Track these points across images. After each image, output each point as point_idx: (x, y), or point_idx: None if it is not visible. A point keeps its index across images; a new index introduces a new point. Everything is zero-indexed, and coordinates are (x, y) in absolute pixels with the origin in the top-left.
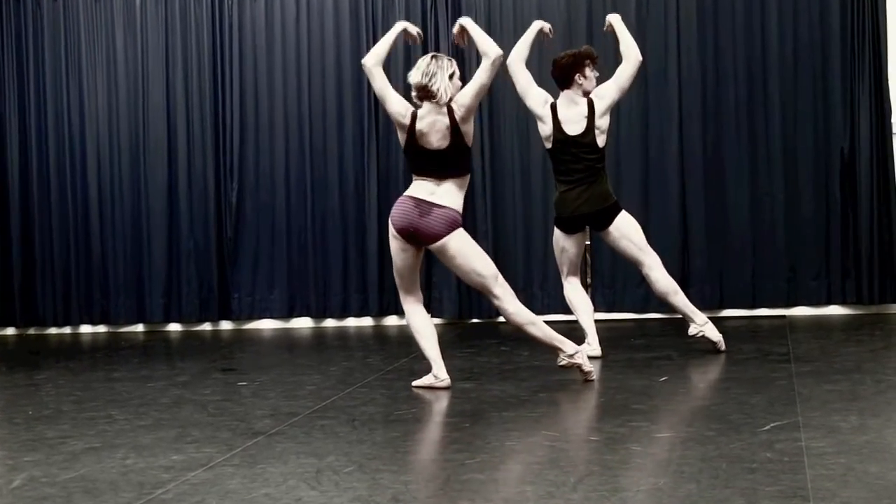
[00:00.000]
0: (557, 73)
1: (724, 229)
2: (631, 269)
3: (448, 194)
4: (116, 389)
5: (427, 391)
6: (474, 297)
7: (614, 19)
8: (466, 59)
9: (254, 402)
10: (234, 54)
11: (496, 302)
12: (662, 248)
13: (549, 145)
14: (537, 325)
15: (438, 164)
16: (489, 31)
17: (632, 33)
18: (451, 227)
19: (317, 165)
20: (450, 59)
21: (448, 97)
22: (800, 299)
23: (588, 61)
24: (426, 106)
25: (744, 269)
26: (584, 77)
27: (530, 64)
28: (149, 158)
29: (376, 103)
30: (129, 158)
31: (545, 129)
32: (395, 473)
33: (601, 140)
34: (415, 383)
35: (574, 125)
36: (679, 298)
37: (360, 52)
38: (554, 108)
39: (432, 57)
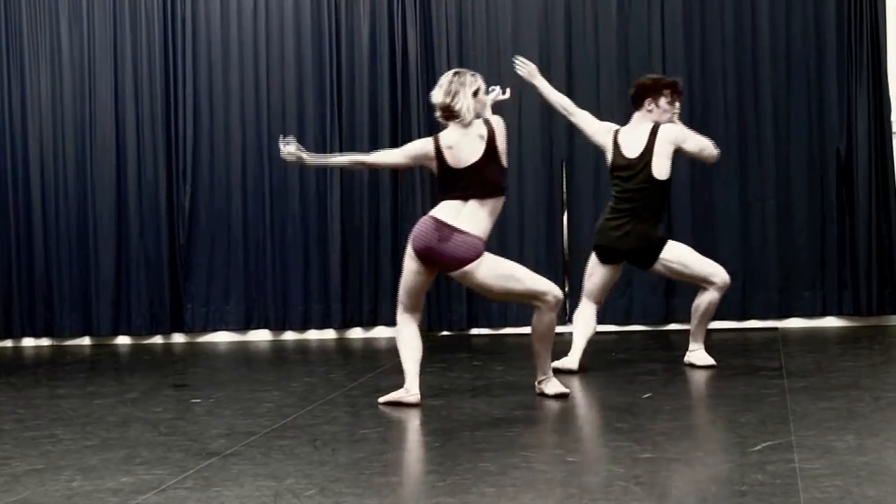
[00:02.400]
0: (633, 92)
1: (712, 236)
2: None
3: (473, 217)
4: (61, 407)
5: (395, 408)
6: (444, 308)
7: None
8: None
9: (208, 420)
10: (188, 49)
11: (536, 309)
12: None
13: (610, 170)
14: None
15: (466, 181)
16: (459, 34)
17: (612, 30)
18: (474, 256)
19: (276, 168)
20: (473, 75)
21: (472, 115)
22: (793, 311)
23: (668, 91)
24: (451, 126)
25: (733, 278)
26: (657, 105)
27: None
28: (95, 160)
29: (339, 103)
30: (74, 160)
31: (607, 156)
32: (360, 497)
33: (658, 170)
34: (382, 399)
35: (632, 148)
36: (702, 319)
37: (322, 49)
38: (616, 133)
39: (454, 74)
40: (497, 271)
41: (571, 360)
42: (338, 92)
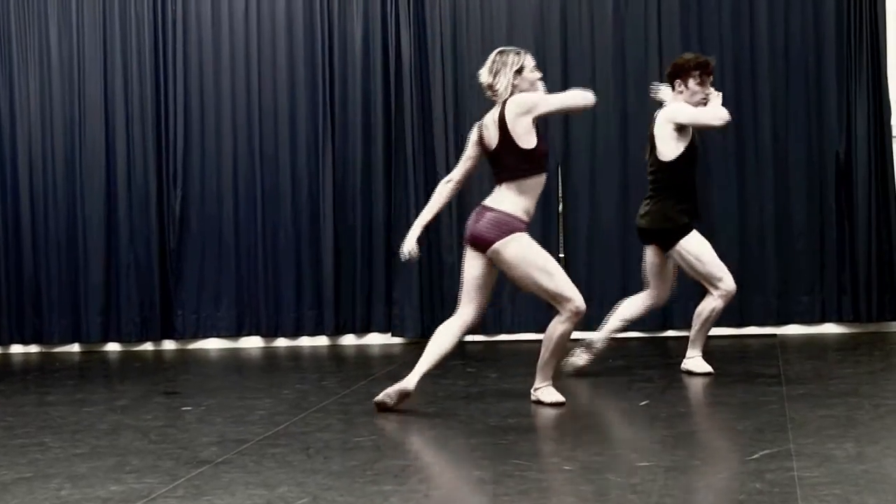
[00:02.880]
0: (668, 71)
1: (710, 241)
2: (608, 284)
3: (505, 198)
4: (50, 414)
5: (388, 412)
6: (438, 316)
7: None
8: (465, 55)
9: (199, 428)
10: (178, 51)
11: (557, 315)
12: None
13: None
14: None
15: (492, 166)
16: (454, 29)
17: (608, 30)
18: (502, 233)
19: (268, 173)
20: (517, 53)
21: (509, 94)
22: (792, 316)
23: (697, 73)
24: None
25: None
26: (686, 87)
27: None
28: (85, 164)
29: (332, 106)
30: (63, 163)
31: None
32: None
33: (662, 152)
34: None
35: (654, 127)
36: (703, 327)
37: (314, 50)
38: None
39: (498, 52)
40: (528, 257)
41: (597, 336)
42: (330, 94)
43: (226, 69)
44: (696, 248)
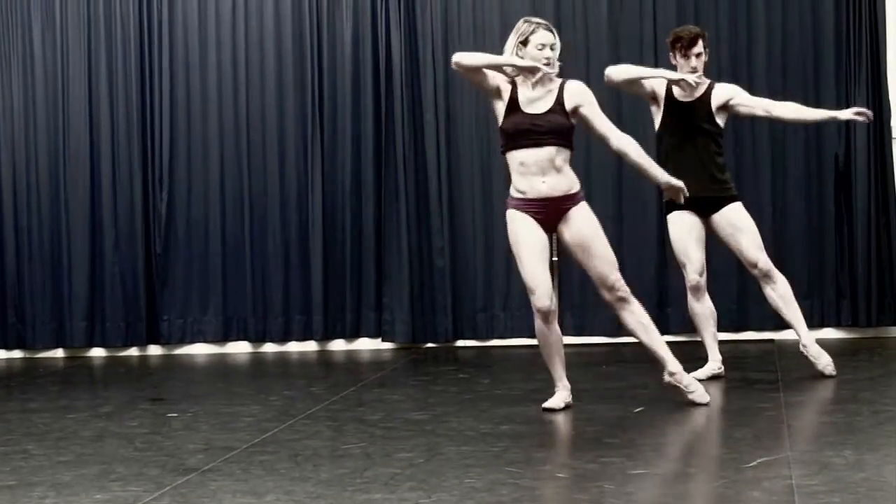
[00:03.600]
0: None
1: (706, 245)
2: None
3: None
4: (33, 421)
5: (375, 424)
6: (429, 321)
7: None
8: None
9: (185, 435)
10: (164, 54)
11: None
12: (637, 264)
13: None
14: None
15: None
16: (445, 32)
17: (603, 32)
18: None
19: (255, 175)
20: (526, 21)
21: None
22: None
23: (676, 47)
24: None
25: (728, 288)
26: (676, 62)
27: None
28: (69, 167)
29: (321, 108)
30: (47, 167)
31: None
32: None
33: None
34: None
35: None
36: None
37: (303, 52)
38: None
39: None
40: (509, 237)
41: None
42: (319, 96)
43: (212, 71)
44: (671, 230)
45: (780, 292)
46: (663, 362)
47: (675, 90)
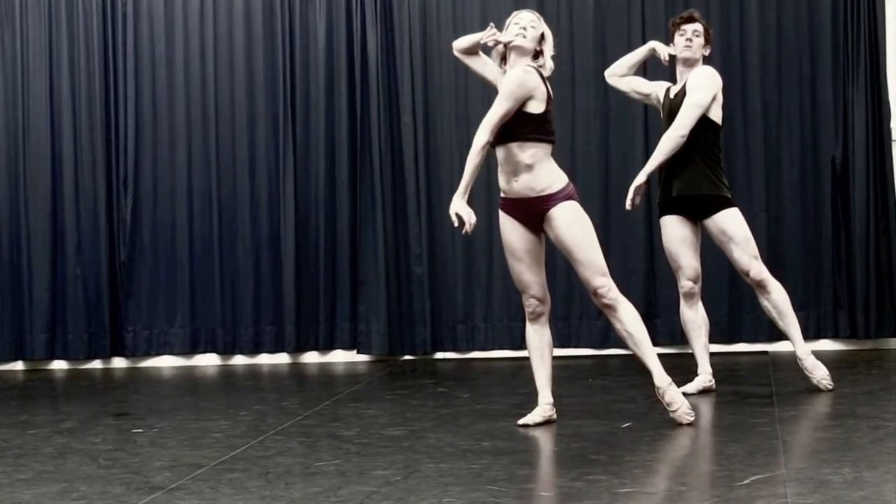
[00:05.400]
0: None
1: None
2: (587, 300)
3: None
4: None
5: (350, 441)
6: (406, 331)
7: None
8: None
9: (151, 452)
10: (129, 48)
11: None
12: (626, 273)
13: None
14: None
15: None
16: (424, 27)
17: (589, 30)
18: None
19: (224, 178)
20: (519, 12)
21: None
22: (784, 333)
23: (673, 28)
24: None
25: (720, 298)
26: (673, 42)
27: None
28: (29, 168)
29: (293, 106)
30: (5, 168)
31: None
32: None
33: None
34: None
35: None
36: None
37: (274, 48)
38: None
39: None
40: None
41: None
42: (291, 95)
43: (179, 67)
44: (664, 236)
45: (774, 302)
46: (651, 374)
47: (672, 89)
